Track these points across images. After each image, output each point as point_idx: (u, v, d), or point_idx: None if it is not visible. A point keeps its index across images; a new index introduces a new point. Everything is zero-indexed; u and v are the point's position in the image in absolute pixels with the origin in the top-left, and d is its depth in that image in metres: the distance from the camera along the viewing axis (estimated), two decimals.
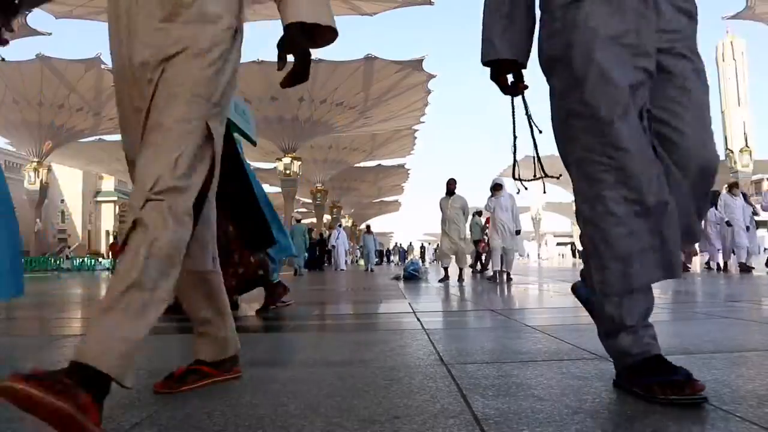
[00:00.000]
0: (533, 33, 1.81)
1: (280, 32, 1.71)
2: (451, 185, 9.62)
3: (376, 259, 30.92)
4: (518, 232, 9.53)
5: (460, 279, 9.49)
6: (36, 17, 30.76)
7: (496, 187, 9.49)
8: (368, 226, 24.55)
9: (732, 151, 42.70)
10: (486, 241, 15.95)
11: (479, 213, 16.01)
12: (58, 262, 33.65)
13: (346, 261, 21.67)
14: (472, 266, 15.08)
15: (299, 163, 34.52)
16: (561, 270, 16.79)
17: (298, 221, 19.60)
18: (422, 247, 46.73)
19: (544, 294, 6.98)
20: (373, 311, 5.16)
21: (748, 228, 11.43)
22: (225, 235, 3.65)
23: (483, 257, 14.80)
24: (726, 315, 3.75)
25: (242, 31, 1.76)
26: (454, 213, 9.46)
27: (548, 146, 1.93)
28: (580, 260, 2.50)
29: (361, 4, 28.93)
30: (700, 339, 2.64)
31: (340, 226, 23.14)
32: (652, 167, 1.55)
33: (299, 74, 1.72)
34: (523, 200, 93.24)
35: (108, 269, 29.59)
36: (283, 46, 1.69)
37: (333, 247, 21.23)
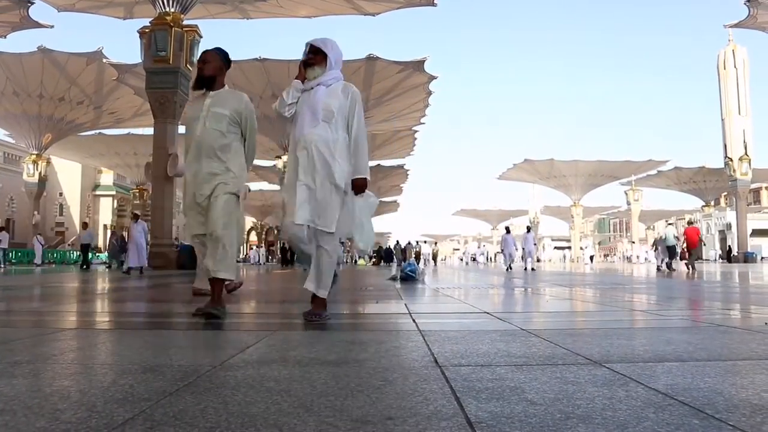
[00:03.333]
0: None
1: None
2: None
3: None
4: (359, 189, 3.77)
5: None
6: (38, 10, 30.74)
7: (314, 59, 3.79)
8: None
9: (731, 159, 42.76)
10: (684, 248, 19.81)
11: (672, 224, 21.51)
12: (55, 255, 33.54)
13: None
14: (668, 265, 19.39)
15: None
16: (560, 274, 16.80)
17: None
18: (417, 249, 46.20)
19: (540, 298, 6.97)
20: (370, 311, 5.16)
21: None
22: None
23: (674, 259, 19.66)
24: (719, 323, 3.76)
25: None
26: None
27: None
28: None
29: (364, 4, 28.95)
30: (694, 346, 2.64)
31: None
32: None
33: None
34: (522, 203, 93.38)
35: (106, 264, 29.38)
36: None
37: None
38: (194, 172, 4.00)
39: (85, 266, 21.83)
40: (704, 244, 25.99)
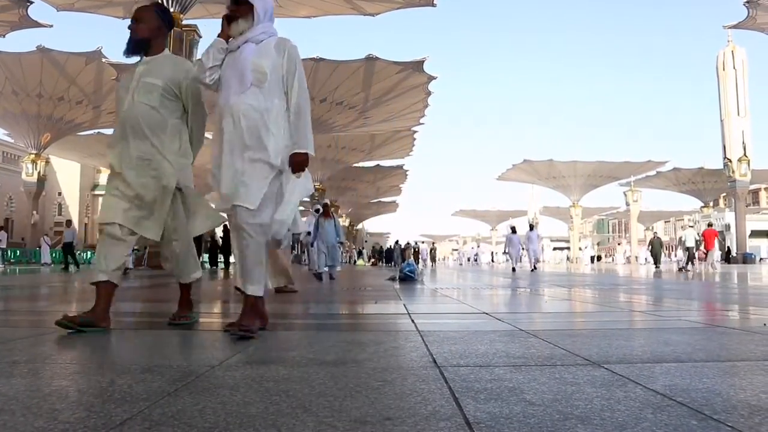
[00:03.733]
0: None
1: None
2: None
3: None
4: (298, 166, 3.12)
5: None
6: (37, 9, 30.73)
7: (237, 11, 3.13)
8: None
9: (730, 160, 42.79)
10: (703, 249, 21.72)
11: (691, 226, 23.32)
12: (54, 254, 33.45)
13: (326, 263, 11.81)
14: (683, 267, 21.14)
15: None
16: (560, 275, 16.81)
17: None
18: (416, 248, 45.83)
19: (539, 298, 6.98)
20: (368, 312, 5.16)
21: None
22: None
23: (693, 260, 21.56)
24: (718, 324, 3.77)
25: None
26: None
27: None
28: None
29: (364, 4, 28.95)
30: (692, 347, 2.64)
31: (317, 211, 12.33)
32: None
33: None
34: (521, 204, 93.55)
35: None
36: None
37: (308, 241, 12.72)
38: (118, 154, 3.23)
39: (66, 267, 20.32)
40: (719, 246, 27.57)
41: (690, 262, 21.49)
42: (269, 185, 3.05)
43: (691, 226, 25.45)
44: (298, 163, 3.08)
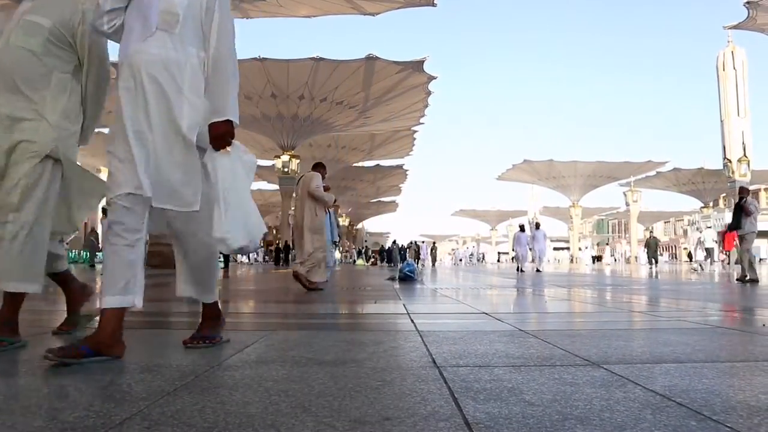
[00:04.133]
0: None
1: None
2: None
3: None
4: (219, 140, 2.33)
5: None
6: None
7: None
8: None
9: (730, 161, 42.80)
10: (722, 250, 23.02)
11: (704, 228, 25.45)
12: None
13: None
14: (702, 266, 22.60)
15: (298, 161, 34.52)
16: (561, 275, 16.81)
17: None
18: (417, 246, 45.54)
19: (539, 299, 6.98)
20: (368, 311, 5.16)
21: None
22: None
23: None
24: (718, 324, 3.76)
25: None
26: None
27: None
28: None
29: (364, 3, 28.91)
30: (692, 348, 2.64)
31: None
32: None
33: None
34: (520, 204, 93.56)
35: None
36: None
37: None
38: None
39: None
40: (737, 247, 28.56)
41: (703, 262, 23.10)
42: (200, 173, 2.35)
43: (709, 227, 26.17)
44: (219, 136, 2.31)
